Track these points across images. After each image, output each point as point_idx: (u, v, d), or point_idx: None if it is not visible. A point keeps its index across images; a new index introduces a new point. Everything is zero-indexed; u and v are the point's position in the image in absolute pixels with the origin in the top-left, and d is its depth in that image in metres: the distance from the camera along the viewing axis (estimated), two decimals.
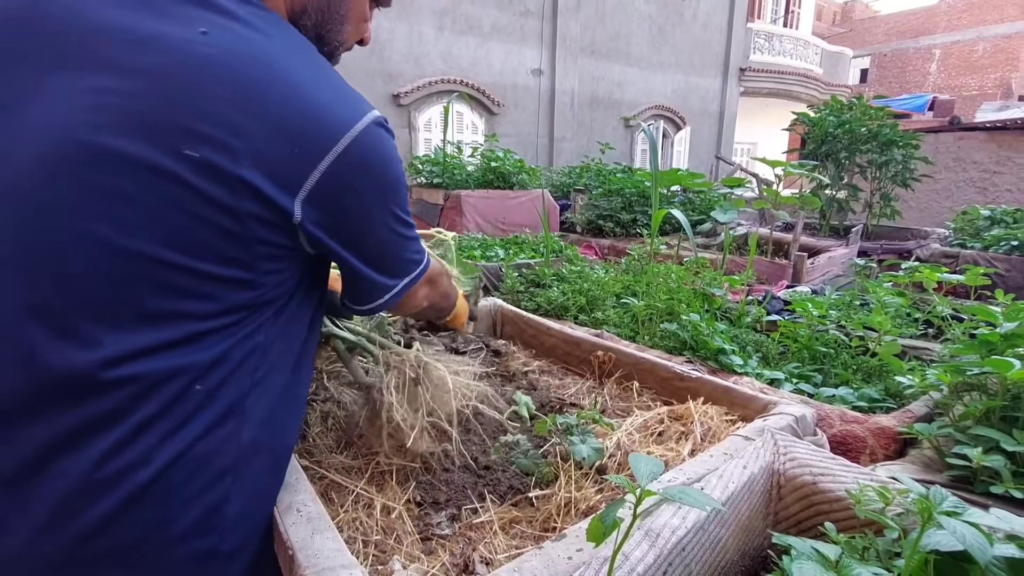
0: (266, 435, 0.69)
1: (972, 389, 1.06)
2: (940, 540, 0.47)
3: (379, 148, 0.67)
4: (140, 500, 0.57)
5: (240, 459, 0.65)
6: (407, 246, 0.79)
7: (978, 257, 3.26)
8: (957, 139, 6.59)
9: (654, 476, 0.43)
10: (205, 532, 0.63)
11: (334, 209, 0.65)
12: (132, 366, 0.57)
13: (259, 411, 0.67)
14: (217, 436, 0.62)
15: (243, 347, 0.65)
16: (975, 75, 20.16)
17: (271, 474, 0.73)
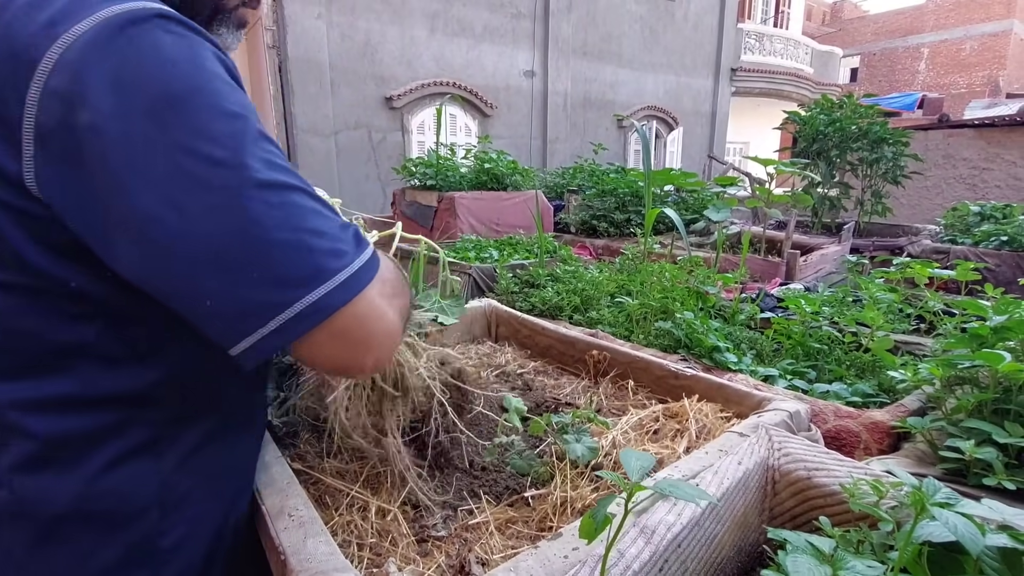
0: (202, 463, 0.65)
1: (964, 383, 1.07)
2: (933, 531, 0.47)
3: (139, 46, 0.45)
4: (52, 536, 0.56)
5: (166, 492, 0.62)
6: (267, 210, 0.47)
7: (968, 252, 3.28)
8: (946, 136, 6.65)
9: (645, 471, 0.43)
10: (134, 567, 0.60)
11: (74, 155, 0.45)
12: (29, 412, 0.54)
13: (182, 443, 0.63)
14: (126, 472, 0.58)
15: (141, 378, 0.58)
16: (963, 73, 20.35)
17: (218, 499, 0.69)
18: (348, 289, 0.49)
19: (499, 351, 1.54)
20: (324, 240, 0.50)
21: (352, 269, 0.50)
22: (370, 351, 0.53)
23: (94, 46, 0.44)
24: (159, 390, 0.60)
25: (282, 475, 0.80)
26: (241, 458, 0.74)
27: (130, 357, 0.57)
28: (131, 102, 0.44)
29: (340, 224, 0.53)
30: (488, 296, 2.09)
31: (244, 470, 0.75)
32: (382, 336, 0.54)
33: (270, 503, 0.73)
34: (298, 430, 1.01)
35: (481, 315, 1.70)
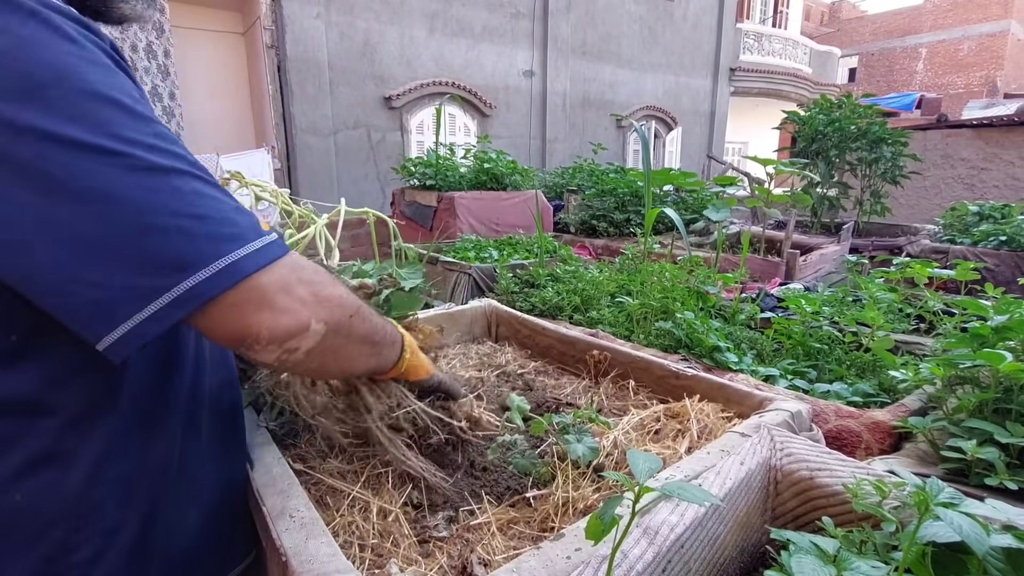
0: (113, 471, 0.59)
1: (965, 382, 1.07)
2: (937, 531, 0.47)
3: (4, 34, 0.44)
4: None
5: (75, 506, 0.57)
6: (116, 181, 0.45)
7: (967, 252, 3.29)
8: (945, 136, 6.66)
9: (652, 473, 0.43)
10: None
11: None
12: None
13: (88, 451, 0.58)
14: (31, 486, 0.55)
15: (24, 384, 0.54)
16: (961, 73, 20.40)
17: (133, 508, 0.62)
18: (230, 274, 0.49)
19: (499, 351, 1.54)
20: (205, 224, 0.48)
21: (236, 255, 0.49)
22: (258, 340, 0.52)
23: None
24: (45, 394, 0.55)
25: (283, 476, 0.79)
26: (159, 459, 0.65)
27: (12, 359, 0.53)
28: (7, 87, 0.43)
29: (232, 208, 0.52)
30: (488, 296, 2.09)
31: (164, 472, 0.66)
32: (271, 325, 0.52)
33: (271, 504, 0.73)
34: (298, 430, 1.01)
35: (481, 315, 1.69)
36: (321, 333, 0.56)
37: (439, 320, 1.57)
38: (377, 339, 0.68)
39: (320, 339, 0.56)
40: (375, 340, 0.68)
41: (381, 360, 0.72)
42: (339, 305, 0.59)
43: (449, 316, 1.62)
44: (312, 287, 0.56)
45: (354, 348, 0.64)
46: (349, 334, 0.61)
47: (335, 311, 0.58)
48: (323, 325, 0.56)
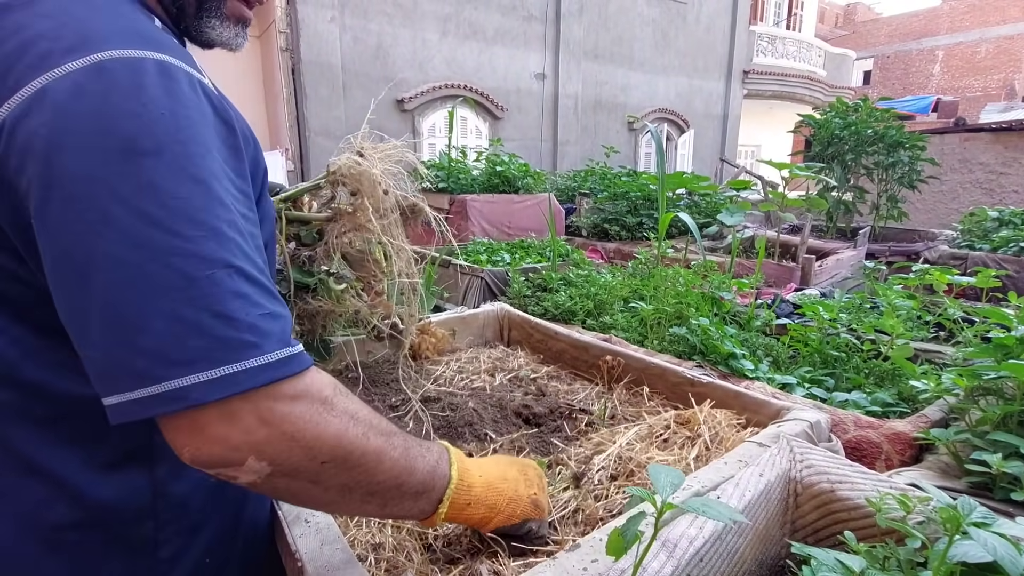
0: (197, 472, 0.61)
1: (988, 393, 1.05)
2: (968, 551, 0.46)
3: (110, 86, 0.46)
4: (53, 545, 0.56)
5: (161, 502, 0.61)
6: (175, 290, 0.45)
7: (987, 259, 3.23)
8: (963, 140, 6.57)
9: (675, 487, 0.42)
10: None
11: (14, 184, 0.46)
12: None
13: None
14: (117, 481, 0.58)
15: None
16: (978, 76, 20.11)
17: (218, 507, 0.66)
18: (224, 386, 0.45)
19: (511, 355, 1.54)
20: (229, 328, 0.46)
21: (243, 366, 0.46)
22: (184, 456, 0.48)
23: (76, 87, 0.45)
24: None
25: None
26: None
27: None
28: (94, 143, 0.45)
29: (267, 314, 0.49)
30: (500, 300, 2.08)
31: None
32: (193, 449, 0.47)
33: (286, 508, 0.73)
34: None
35: (493, 319, 1.69)
36: (262, 472, 0.48)
37: (451, 324, 1.57)
38: (378, 489, 0.56)
39: (265, 478, 0.49)
40: (373, 491, 0.56)
41: (388, 510, 0.60)
42: (306, 448, 0.49)
43: (461, 320, 1.62)
44: (277, 423, 0.48)
45: (325, 494, 0.54)
46: (316, 480, 0.51)
47: (293, 454, 0.49)
48: (266, 464, 0.48)
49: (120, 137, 0.45)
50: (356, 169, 0.98)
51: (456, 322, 1.60)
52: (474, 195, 4.12)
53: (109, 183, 0.44)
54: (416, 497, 0.60)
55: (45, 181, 0.44)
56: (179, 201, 0.46)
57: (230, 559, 0.69)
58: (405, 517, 0.64)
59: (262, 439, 0.47)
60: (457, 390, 1.28)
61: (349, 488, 0.54)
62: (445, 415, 1.15)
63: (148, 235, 0.45)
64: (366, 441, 0.53)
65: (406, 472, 0.58)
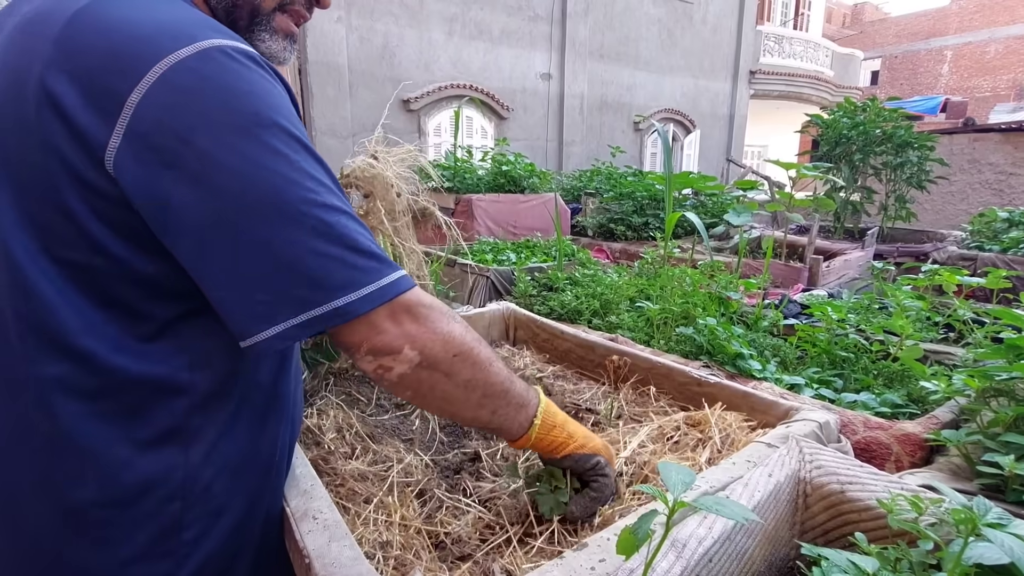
0: (224, 455, 0.65)
1: (1000, 395, 1.03)
2: (984, 552, 0.45)
3: (218, 70, 0.53)
4: (79, 522, 0.58)
5: (190, 484, 0.62)
6: (312, 225, 0.55)
7: (997, 260, 3.20)
8: (972, 141, 6.51)
9: (687, 486, 0.42)
10: (157, 558, 0.61)
11: (158, 144, 0.52)
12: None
13: (207, 433, 0.64)
14: (152, 461, 0.60)
15: (165, 363, 0.60)
16: (987, 76, 19.93)
17: (241, 493, 0.69)
18: (369, 300, 0.58)
19: (517, 355, 1.53)
20: (360, 257, 0.58)
21: (377, 284, 0.58)
22: (359, 350, 0.60)
23: (193, 73, 0.52)
24: (181, 374, 0.61)
25: (305, 476, 0.80)
26: (265, 451, 0.72)
27: (155, 340, 0.60)
28: (224, 120, 0.53)
29: (373, 244, 0.61)
30: (506, 299, 2.08)
31: (269, 465, 0.73)
32: (372, 341, 0.60)
33: (294, 505, 0.73)
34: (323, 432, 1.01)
35: (499, 318, 1.69)
36: (414, 361, 0.61)
37: None
38: (492, 391, 0.67)
39: (413, 367, 0.61)
40: (488, 392, 0.67)
41: (496, 418, 0.69)
42: (443, 341, 0.63)
43: (467, 319, 1.62)
44: (421, 321, 0.62)
45: (455, 390, 0.65)
46: (449, 372, 0.64)
47: (435, 346, 0.62)
48: (417, 354, 0.61)
49: (245, 113, 0.54)
50: (370, 172, 0.99)
51: None
52: (480, 195, 4.12)
53: (246, 152, 0.53)
54: (518, 408, 0.70)
55: (186, 154, 0.52)
56: (300, 162, 0.56)
57: (245, 547, 0.70)
58: (507, 430, 0.71)
59: (414, 332, 0.61)
60: None
61: (472, 385, 0.65)
62: None
63: (289, 192, 0.54)
64: (478, 345, 0.66)
65: (509, 380, 0.69)
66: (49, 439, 0.56)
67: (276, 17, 0.71)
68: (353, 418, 1.07)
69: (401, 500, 0.83)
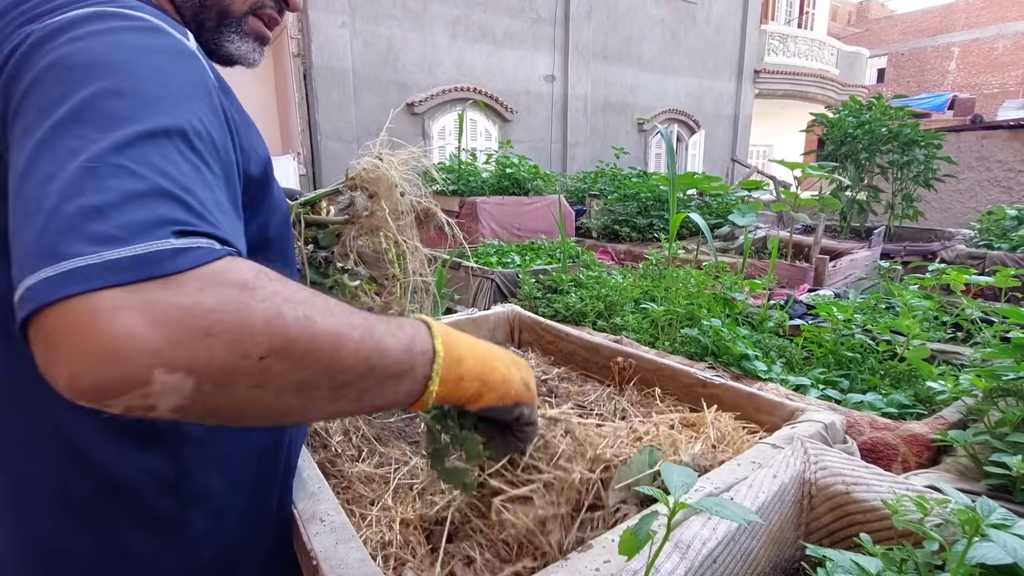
0: (219, 452, 0.65)
1: (1008, 395, 1.03)
2: (988, 553, 0.45)
3: (86, 34, 0.46)
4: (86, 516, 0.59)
5: (186, 482, 0.63)
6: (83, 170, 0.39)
7: (1006, 258, 3.17)
8: (980, 138, 6.46)
9: (688, 487, 0.42)
10: (164, 556, 0.63)
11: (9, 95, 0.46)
12: None
13: (197, 432, 0.63)
14: (143, 458, 0.60)
15: None
16: (996, 73, 19.76)
17: (240, 491, 0.68)
18: (64, 283, 0.35)
19: (522, 357, 1.54)
20: (92, 221, 0.38)
21: (86, 260, 0.36)
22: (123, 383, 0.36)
23: (55, 32, 0.46)
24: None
25: (312, 479, 0.80)
26: (267, 450, 0.71)
27: None
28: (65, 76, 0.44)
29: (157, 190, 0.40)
30: (511, 301, 2.08)
31: (273, 464, 0.72)
32: (69, 375, 0.36)
33: (302, 507, 0.74)
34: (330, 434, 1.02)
35: (504, 320, 1.69)
36: (185, 388, 0.37)
37: (462, 326, 1.57)
38: (349, 380, 0.45)
39: (194, 397, 0.38)
40: (342, 382, 0.45)
41: (365, 401, 0.48)
42: (231, 342, 0.38)
43: (472, 322, 1.62)
44: (184, 316, 0.37)
45: (288, 400, 0.42)
46: (262, 383, 0.40)
47: (216, 353, 0.37)
48: (182, 375, 0.37)
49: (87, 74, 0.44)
50: (375, 173, 1.00)
51: (467, 324, 1.60)
52: (484, 197, 4.13)
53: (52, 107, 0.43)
54: (397, 380, 0.50)
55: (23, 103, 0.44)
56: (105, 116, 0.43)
57: (256, 547, 0.71)
58: (391, 406, 0.53)
59: (162, 341, 0.36)
60: None
61: (309, 385, 0.43)
62: None
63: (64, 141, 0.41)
64: (312, 324, 0.42)
65: (376, 353, 0.47)
66: (54, 437, 0.57)
67: (248, 20, 0.69)
68: (360, 420, 1.08)
69: (403, 500, 0.84)
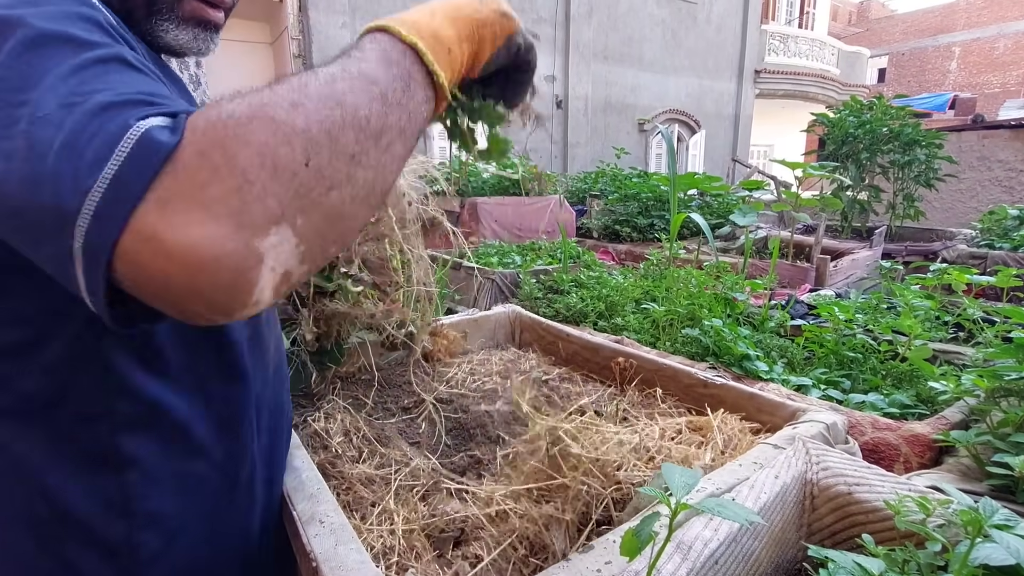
0: (167, 478, 0.61)
1: (1010, 395, 1.03)
2: (991, 554, 0.45)
3: None
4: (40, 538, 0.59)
5: (133, 503, 0.60)
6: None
7: (1008, 258, 3.16)
8: (981, 138, 6.45)
9: (690, 488, 0.42)
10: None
11: None
12: None
13: (141, 455, 0.59)
14: (83, 480, 0.58)
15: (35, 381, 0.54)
16: (997, 72, 19.74)
17: (198, 511, 0.65)
18: (108, 217, 0.34)
19: (523, 357, 1.54)
20: (71, 158, 0.35)
21: (101, 188, 0.34)
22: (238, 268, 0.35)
23: None
24: (99, 399, 0.56)
25: (312, 480, 0.80)
26: (226, 468, 0.67)
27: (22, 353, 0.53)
28: None
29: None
30: (512, 302, 2.08)
31: (233, 482, 0.69)
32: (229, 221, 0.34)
33: (301, 508, 0.74)
34: (330, 435, 1.02)
35: (505, 321, 1.69)
36: (287, 237, 0.36)
37: (463, 326, 1.57)
38: (378, 124, 0.42)
39: (300, 234, 0.37)
40: (378, 129, 0.42)
41: (413, 124, 0.46)
42: (275, 172, 0.36)
43: (473, 322, 1.62)
44: (219, 176, 0.34)
45: (357, 171, 0.40)
46: (325, 180, 0.38)
47: (275, 191, 0.35)
48: (275, 230, 0.35)
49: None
50: None
51: (468, 324, 1.60)
52: (485, 198, 4.13)
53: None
54: (406, 92, 0.45)
55: None
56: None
57: (223, 563, 0.69)
58: (426, 119, 0.51)
59: (232, 223, 0.34)
60: (469, 392, 1.28)
61: (358, 153, 0.40)
62: (457, 417, 1.15)
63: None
64: (302, 111, 0.38)
65: (370, 82, 0.43)
66: (9, 463, 0.56)
67: (183, 5, 0.61)
68: (360, 421, 1.08)
69: (405, 503, 0.84)
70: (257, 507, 0.74)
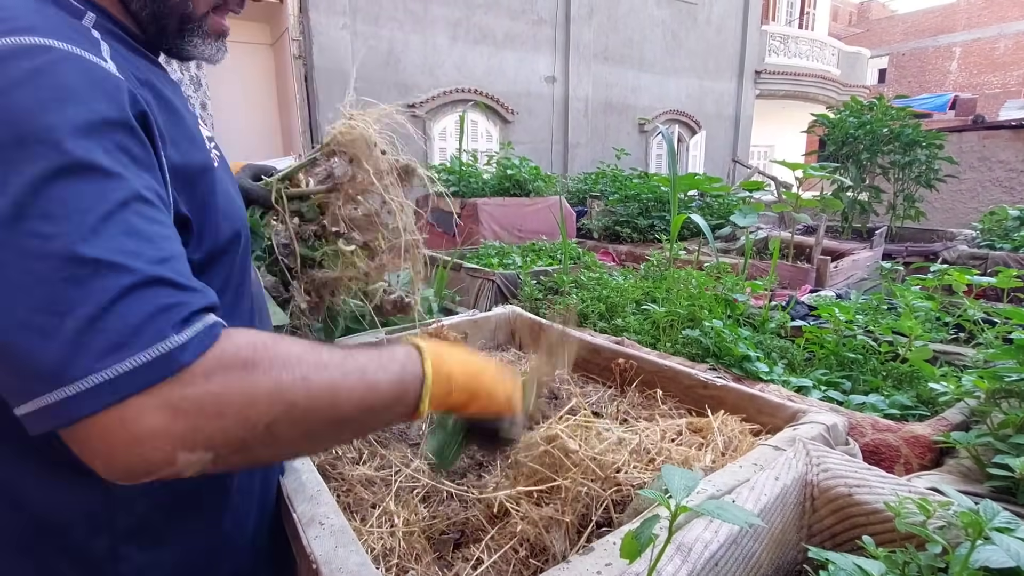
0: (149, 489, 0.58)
1: (1011, 396, 1.02)
2: (991, 556, 0.45)
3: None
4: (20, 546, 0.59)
5: (115, 517, 0.60)
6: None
7: (1008, 259, 3.16)
8: (982, 138, 6.44)
9: (690, 490, 0.42)
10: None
11: None
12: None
13: None
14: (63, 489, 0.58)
15: None
16: (997, 72, 19.73)
17: (183, 526, 0.65)
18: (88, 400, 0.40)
19: (523, 358, 1.54)
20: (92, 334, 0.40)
21: (103, 376, 0.39)
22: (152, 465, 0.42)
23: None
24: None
25: (312, 482, 0.80)
26: (210, 478, 0.67)
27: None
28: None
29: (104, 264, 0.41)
30: (512, 303, 2.08)
31: (218, 490, 0.69)
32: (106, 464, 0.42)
33: (301, 510, 0.74)
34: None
35: (505, 322, 1.69)
36: (204, 460, 0.44)
37: (463, 327, 1.57)
38: (347, 419, 0.52)
39: (213, 463, 0.44)
40: (342, 424, 0.52)
41: (368, 429, 0.59)
42: (240, 419, 0.44)
43: (473, 323, 1.62)
44: (195, 405, 0.42)
45: (296, 447, 0.52)
46: (272, 442, 0.47)
47: (229, 430, 0.44)
48: (202, 451, 0.43)
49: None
50: (351, 134, 0.98)
51: (468, 325, 1.60)
52: (485, 199, 4.13)
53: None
54: (389, 408, 0.56)
55: None
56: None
57: (210, 572, 0.69)
58: (387, 425, 0.64)
59: (181, 429, 0.42)
60: None
61: (313, 434, 0.50)
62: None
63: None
64: (308, 384, 0.47)
65: (370, 392, 0.53)
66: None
67: (209, 20, 0.66)
68: None
69: (405, 505, 0.84)
70: (252, 510, 0.74)
